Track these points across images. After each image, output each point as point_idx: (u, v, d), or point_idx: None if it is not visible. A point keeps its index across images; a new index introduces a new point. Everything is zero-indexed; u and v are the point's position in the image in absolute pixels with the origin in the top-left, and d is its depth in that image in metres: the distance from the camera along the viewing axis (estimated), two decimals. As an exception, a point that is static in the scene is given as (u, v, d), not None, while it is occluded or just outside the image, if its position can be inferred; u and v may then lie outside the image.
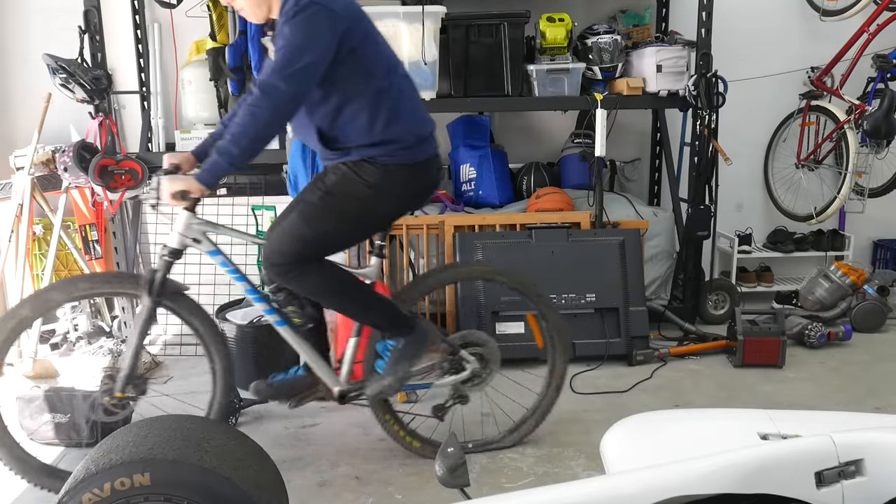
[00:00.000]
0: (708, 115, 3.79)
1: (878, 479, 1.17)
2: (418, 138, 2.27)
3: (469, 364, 2.56)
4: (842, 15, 4.03)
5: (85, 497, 1.45)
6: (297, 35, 2.05)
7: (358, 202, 2.24)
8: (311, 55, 2.05)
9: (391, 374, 2.39)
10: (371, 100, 2.18)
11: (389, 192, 2.26)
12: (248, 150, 2.11)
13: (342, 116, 2.20)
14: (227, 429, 1.77)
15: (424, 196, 2.46)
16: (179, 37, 4.27)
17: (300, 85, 2.07)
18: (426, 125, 2.33)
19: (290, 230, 2.24)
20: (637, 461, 1.38)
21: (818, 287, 3.97)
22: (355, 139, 2.22)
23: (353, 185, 2.23)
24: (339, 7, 2.10)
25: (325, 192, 2.25)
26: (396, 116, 2.22)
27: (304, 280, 2.27)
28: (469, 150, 4.15)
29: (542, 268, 3.58)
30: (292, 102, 2.09)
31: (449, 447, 1.34)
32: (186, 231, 2.34)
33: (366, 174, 2.22)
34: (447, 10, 3.62)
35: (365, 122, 2.19)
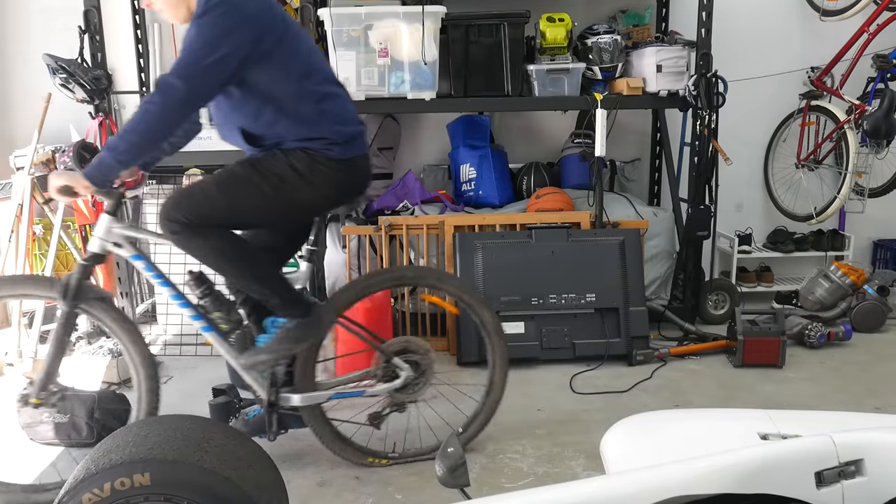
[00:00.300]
0: (708, 115, 3.79)
1: (878, 479, 1.17)
2: (347, 136, 2.24)
3: (403, 372, 2.50)
4: (842, 15, 4.03)
5: (85, 497, 1.45)
6: (200, 34, 2.01)
7: (278, 181, 2.18)
8: (213, 55, 2.00)
9: (269, 352, 2.32)
10: (291, 103, 2.15)
11: (312, 182, 2.21)
12: (137, 147, 2.05)
13: (263, 117, 2.17)
14: (227, 429, 1.77)
15: (350, 194, 2.39)
16: (179, 37, 4.26)
17: (197, 85, 2.02)
18: (353, 125, 2.29)
19: (199, 188, 2.20)
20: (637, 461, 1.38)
21: (818, 287, 3.97)
22: (281, 136, 2.19)
23: (279, 165, 2.19)
24: (250, 9, 2.06)
25: (250, 163, 2.21)
26: (320, 119, 2.19)
27: (193, 242, 2.18)
28: (469, 150, 4.16)
29: (542, 268, 3.58)
30: (188, 102, 2.04)
31: (449, 447, 1.34)
32: (106, 235, 2.30)
33: (295, 159, 2.19)
34: (447, 10, 3.62)
35: (288, 123, 2.17)
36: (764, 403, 3.05)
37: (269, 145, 2.22)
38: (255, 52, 2.06)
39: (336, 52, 3.59)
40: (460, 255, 3.60)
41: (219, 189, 2.18)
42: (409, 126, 4.47)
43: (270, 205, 2.23)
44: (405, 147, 4.49)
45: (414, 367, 2.53)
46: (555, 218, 3.76)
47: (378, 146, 4.19)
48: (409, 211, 3.97)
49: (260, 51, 2.07)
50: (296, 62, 2.16)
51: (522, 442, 2.77)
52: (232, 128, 2.24)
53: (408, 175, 4.11)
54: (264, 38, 2.07)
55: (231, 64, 2.04)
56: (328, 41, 3.59)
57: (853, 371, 3.47)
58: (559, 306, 3.56)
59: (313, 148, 2.19)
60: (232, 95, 2.15)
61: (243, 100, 2.15)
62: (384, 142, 4.24)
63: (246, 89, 2.13)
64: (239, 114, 2.19)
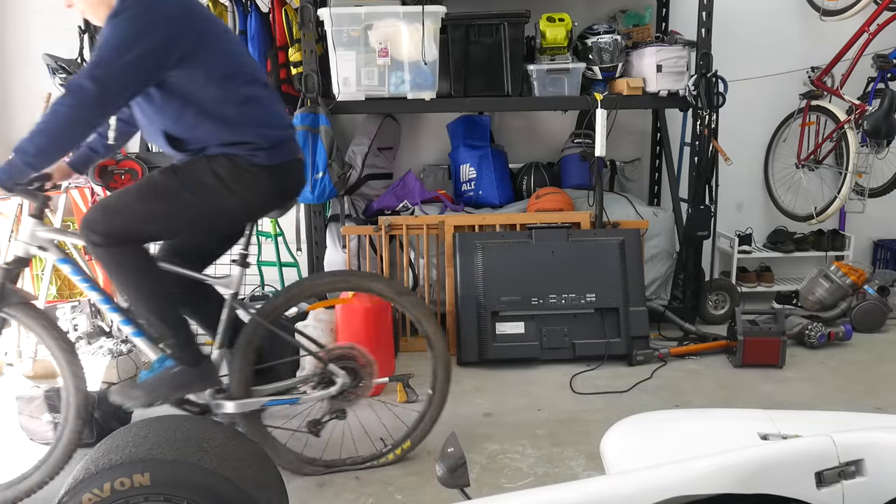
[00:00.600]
0: (708, 115, 3.79)
1: (878, 479, 1.17)
2: (273, 141, 2.18)
3: (339, 378, 2.44)
4: (842, 15, 4.03)
5: (85, 497, 1.45)
6: (113, 34, 1.95)
7: (200, 189, 2.13)
8: (126, 56, 1.94)
9: (145, 391, 2.25)
10: (213, 106, 2.09)
11: (236, 190, 2.15)
12: (47, 150, 1.99)
13: (185, 120, 2.11)
14: (227, 429, 1.77)
15: (279, 201, 2.33)
16: (179, 37, 4.27)
17: (110, 86, 1.95)
18: (280, 129, 2.24)
19: (121, 199, 2.15)
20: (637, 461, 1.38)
21: (818, 287, 3.97)
22: (203, 140, 2.14)
23: (200, 172, 2.13)
24: (167, 8, 2.00)
25: (172, 170, 2.16)
26: (245, 122, 2.13)
27: (110, 257, 2.14)
28: (469, 150, 4.16)
29: (542, 268, 3.58)
30: (100, 104, 1.97)
31: (449, 447, 1.34)
32: (31, 239, 2.26)
33: (218, 165, 2.13)
34: (447, 10, 3.62)
35: (210, 126, 2.11)
36: (764, 403, 3.05)
37: (194, 150, 2.16)
38: (173, 53, 2.00)
39: (336, 52, 3.59)
40: (460, 256, 3.60)
41: (139, 199, 2.13)
42: (409, 126, 4.47)
43: (192, 213, 2.18)
44: (405, 147, 4.49)
45: (351, 374, 2.46)
46: (555, 218, 3.76)
47: (378, 146, 4.19)
48: (409, 211, 3.97)
49: (178, 51, 2.00)
50: (217, 63, 2.09)
51: (522, 442, 2.76)
52: (155, 131, 2.17)
53: (408, 175, 4.11)
54: (182, 39, 2.01)
55: (146, 65, 1.97)
56: (328, 41, 3.59)
57: (853, 371, 3.47)
58: (559, 306, 3.56)
59: (237, 154, 2.13)
60: (152, 98, 2.08)
61: (164, 102, 2.08)
62: (384, 142, 4.24)
63: (166, 91, 2.06)
64: (161, 116, 2.12)
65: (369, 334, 3.18)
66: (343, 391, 2.46)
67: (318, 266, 3.91)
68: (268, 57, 3.75)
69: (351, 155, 4.15)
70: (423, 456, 2.66)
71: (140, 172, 3.70)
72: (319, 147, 3.55)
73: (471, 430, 2.85)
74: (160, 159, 3.95)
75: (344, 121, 4.31)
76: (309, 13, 3.55)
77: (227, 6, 3.83)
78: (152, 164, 3.81)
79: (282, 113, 2.29)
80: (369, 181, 4.17)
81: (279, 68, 3.78)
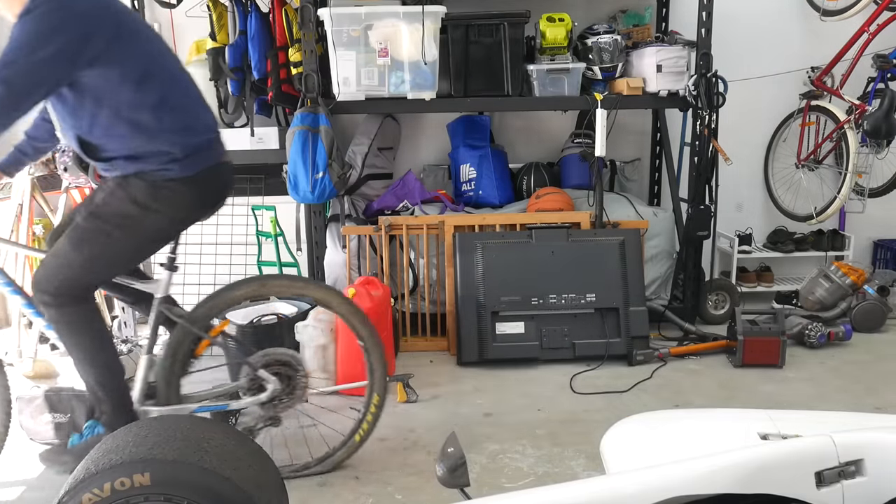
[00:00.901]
0: (708, 115, 3.79)
1: (878, 479, 1.17)
2: (190, 149, 2.12)
3: (269, 385, 2.38)
4: (842, 15, 4.02)
5: (85, 497, 1.45)
6: (23, 32, 1.88)
7: (126, 222, 2.10)
8: (35, 55, 1.87)
9: (76, 457, 2.20)
10: (127, 109, 2.02)
11: (160, 209, 2.11)
12: None
13: (98, 124, 2.04)
14: (227, 429, 1.77)
15: (207, 208, 2.29)
16: (179, 37, 4.27)
17: (18, 86, 1.88)
18: (200, 134, 2.17)
19: (58, 255, 2.11)
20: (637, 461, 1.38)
21: (818, 287, 3.97)
22: (116, 148, 2.07)
23: (120, 203, 2.09)
24: (80, 6, 1.93)
25: (91, 212, 2.11)
26: (160, 128, 2.07)
27: (65, 320, 2.13)
28: (469, 150, 4.16)
29: (542, 268, 3.58)
30: (7, 105, 1.89)
31: (449, 447, 1.34)
32: None
33: (134, 190, 2.08)
34: (447, 10, 3.62)
35: (124, 131, 2.04)
36: (764, 403, 3.05)
37: (106, 158, 2.09)
38: (86, 52, 1.93)
39: (336, 52, 3.59)
40: (460, 255, 3.60)
41: (75, 250, 2.10)
42: (409, 126, 4.47)
43: (130, 246, 2.16)
44: (405, 147, 4.49)
45: (283, 381, 2.41)
46: (555, 218, 3.76)
47: (378, 146, 4.19)
48: (409, 211, 3.97)
49: (91, 50, 1.93)
50: (133, 64, 2.02)
51: (522, 442, 2.76)
52: (71, 135, 2.10)
53: (408, 175, 4.11)
54: (95, 37, 1.94)
55: (57, 64, 1.91)
56: (328, 41, 3.59)
57: (853, 371, 3.47)
58: (559, 306, 3.56)
59: (149, 170, 2.08)
60: (66, 99, 2.01)
61: (77, 104, 2.02)
62: (384, 142, 4.24)
63: (78, 92, 1.99)
64: (74, 119, 2.05)
65: (369, 334, 3.18)
66: (274, 398, 2.40)
67: (318, 266, 3.91)
68: (268, 57, 3.75)
69: (351, 155, 4.15)
70: (424, 456, 2.66)
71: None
72: (319, 147, 3.55)
73: (471, 430, 2.86)
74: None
75: (344, 121, 4.31)
76: (309, 13, 3.55)
77: (227, 6, 3.84)
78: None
79: (204, 116, 2.22)
80: (369, 181, 4.18)
81: (279, 68, 3.78)
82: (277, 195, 3.90)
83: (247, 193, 3.95)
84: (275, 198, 3.91)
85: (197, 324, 2.34)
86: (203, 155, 2.18)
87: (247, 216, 3.90)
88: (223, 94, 4.00)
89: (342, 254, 3.86)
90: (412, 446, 2.75)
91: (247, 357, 2.43)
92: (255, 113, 4.00)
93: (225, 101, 4.01)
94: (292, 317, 3.39)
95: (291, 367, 2.45)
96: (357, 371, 3.18)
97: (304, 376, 2.46)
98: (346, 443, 2.57)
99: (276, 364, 2.43)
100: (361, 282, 3.33)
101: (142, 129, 2.05)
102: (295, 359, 2.46)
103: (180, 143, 2.10)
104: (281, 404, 2.43)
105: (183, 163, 2.12)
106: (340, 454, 2.56)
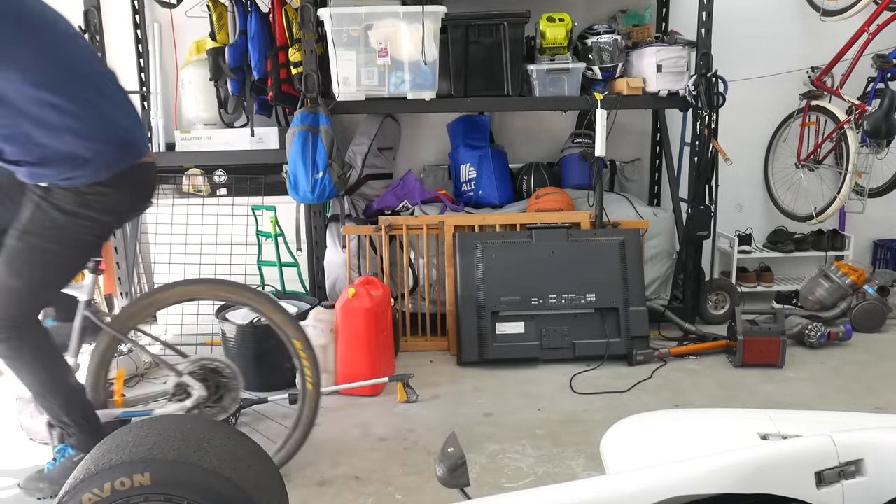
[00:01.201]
0: (708, 115, 3.79)
1: (878, 479, 1.17)
2: (99, 151, 2.04)
3: (194, 392, 2.34)
4: (842, 15, 4.02)
5: (85, 497, 1.45)
6: None
7: (60, 233, 2.05)
8: None
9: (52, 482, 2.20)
10: (30, 109, 1.94)
11: (90, 216, 2.07)
12: None
13: (1, 123, 1.96)
14: (228, 429, 1.77)
15: (136, 208, 2.27)
16: (179, 37, 4.27)
17: None
18: (112, 136, 2.08)
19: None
20: (637, 461, 1.38)
21: (818, 287, 3.97)
22: (20, 153, 1.99)
23: (48, 216, 2.04)
24: None
25: (23, 230, 2.05)
26: (65, 129, 1.98)
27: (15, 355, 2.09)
28: (469, 150, 4.16)
29: (542, 268, 3.58)
30: None
31: (449, 447, 1.34)
32: None
33: (59, 199, 2.03)
34: (447, 10, 3.62)
35: (28, 130, 1.96)
36: (764, 403, 3.05)
37: (13, 161, 2.02)
38: None
39: (336, 52, 3.59)
40: (460, 255, 3.60)
41: (13, 275, 2.05)
42: (409, 126, 4.47)
43: (68, 258, 2.12)
44: (405, 147, 4.49)
45: (212, 388, 2.38)
46: (555, 218, 3.76)
47: (378, 146, 4.19)
48: (409, 211, 3.97)
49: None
50: (39, 62, 1.93)
51: (522, 442, 2.76)
52: None
53: (408, 175, 4.11)
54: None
55: None
56: (328, 41, 3.59)
57: (853, 371, 3.47)
58: (559, 306, 3.56)
59: (68, 179, 2.02)
60: None
61: None
62: (384, 142, 4.24)
63: None
64: None
65: (369, 334, 3.19)
66: (199, 405, 2.36)
67: (318, 266, 3.91)
68: (268, 57, 3.75)
69: (351, 155, 4.15)
70: (424, 456, 2.66)
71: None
72: (319, 147, 3.55)
73: (471, 430, 2.86)
74: (162, 159, 3.95)
75: (344, 121, 4.31)
76: (309, 13, 3.55)
77: (227, 6, 3.84)
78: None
79: (121, 112, 2.14)
80: (369, 181, 4.18)
81: (279, 68, 3.79)
82: (277, 195, 3.90)
83: (247, 193, 3.95)
84: (275, 198, 3.91)
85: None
86: (117, 156, 2.10)
87: (247, 216, 3.90)
88: (223, 94, 4.00)
89: (342, 254, 3.86)
90: (412, 446, 2.75)
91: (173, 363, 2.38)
92: (255, 113, 4.00)
93: (225, 102, 4.01)
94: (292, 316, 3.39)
95: (221, 375, 2.41)
96: (357, 371, 3.19)
97: (236, 384, 2.41)
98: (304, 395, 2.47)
99: (205, 371, 2.39)
100: (361, 282, 3.33)
101: (45, 130, 1.97)
102: (227, 366, 2.42)
103: (86, 145, 2.03)
104: (208, 411, 2.38)
105: (98, 164, 2.05)
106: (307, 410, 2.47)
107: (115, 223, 2.23)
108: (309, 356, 2.42)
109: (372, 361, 3.20)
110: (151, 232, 4.01)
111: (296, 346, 2.42)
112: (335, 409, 3.09)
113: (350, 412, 3.05)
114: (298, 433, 2.47)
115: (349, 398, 3.17)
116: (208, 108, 4.06)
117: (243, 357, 3.21)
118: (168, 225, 3.88)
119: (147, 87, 4.20)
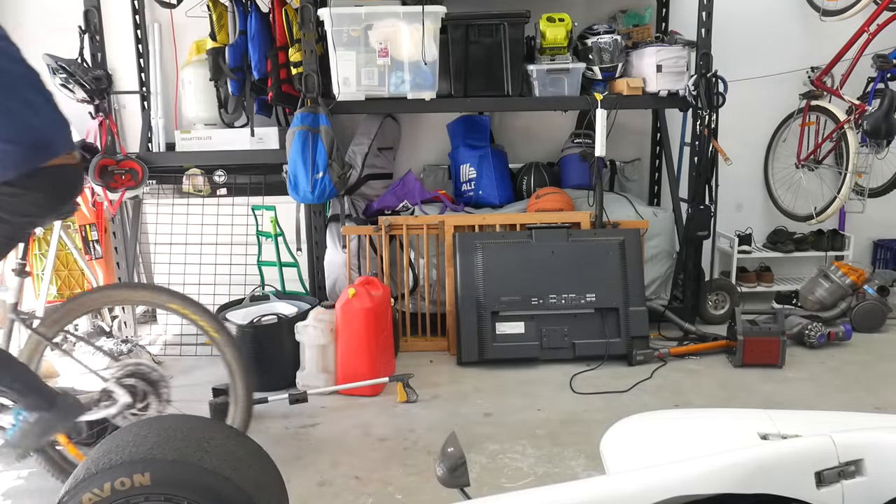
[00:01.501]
0: (708, 115, 3.79)
1: (878, 479, 1.17)
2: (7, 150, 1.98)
3: (119, 398, 2.31)
4: (842, 15, 4.02)
5: (85, 497, 1.45)
6: None
7: None
8: None
9: (15, 446, 2.20)
10: None
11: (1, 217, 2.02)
12: None
13: None
14: (228, 429, 1.77)
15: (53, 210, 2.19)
16: (179, 37, 4.27)
17: None
18: (24, 135, 2.02)
19: None
20: (637, 461, 1.38)
21: (818, 287, 3.97)
22: None
23: None
24: None
25: None
26: None
27: None
28: (469, 150, 4.16)
29: (542, 268, 3.58)
30: None
31: (449, 447, 1.34)
32: None
33: None
34: (447, 10, 3.62)
35: None
36: (764, 403, 3.05)
37: None
38: None
39: (336, 52, 3.59)
40: (460, 255, 3.60)
41: None
42: (409, 126, 4.47)
43: None
44: (405, 147, 4.49)
45: (139, 395, 2.35)
46: (555, 218, 3.76)
47: (378, 146, 4.20)
48: (409, 211, 3.97)
49: None
50: None
51: (522, 442, 2.77)
52: None
53: (408, 175, 4.11)
54: None
55: None
56: (328, 41, 3.59)
57: (853, 371, 3.47)
58: (559, 306, 3.56)
59: None
60: None
61: None
62: (384, 142, 4.24)
63: None
64: None
65: (369, 334, 3.19)
66: (124, 411, 2.33)
67: (318, 266, 3.91)
68: (268, 57, 3.75)
69: (351, 155, 4.15)
70: (424, 456, 2.66)
71: (140, 173, 3.70)
72: (319, 147, 3.55)
73: (471, 430, 2.86)
74: (162, 159, 3.96)
75: (344, 121, 4.31)
76: (309, 13, 3.55)
77: (227, 6, 3.84)
78: (153, 164, 3.81)
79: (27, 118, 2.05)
80: (369, 181, 4.18)
81: (279, 68, 3.78)
82: (277, 195, 3.90)
83: (247, 193, 3.95)
84: (275, 198, 3.91)
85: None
86: (24, 157, 2.03)
87: (247, 216, 3.90)
88: (223, 94, 4.00)
89: (342, 254, 3.86)
90: (412, 446, 2.75)
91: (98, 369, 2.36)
92: (255, 113, 4.00)
93: (225, 101, 4.01)
94: (292, 317, 3.39)
95: (149, 382, 2.38)
96: (357, 371, 3.19)
97: (163, 388, 2.39)
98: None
99: (133, 377, 2.37)
100: (361, 282, 3.34)
101: None
102: (156, 372, 2.39)
103: None
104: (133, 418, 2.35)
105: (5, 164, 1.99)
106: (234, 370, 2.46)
107: (27, 225, 2.18)
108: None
109: (372, 361, 3.20)
110: (151, 232, 4.01)
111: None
112: (335, 409, 3.09)
113: (350, 412, 3.05)
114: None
115: (349, 398, 3.17)
116: (208, 108, 4.06)
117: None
118: (168, 225, 3.88)
119: (147, 87, 4.20)
